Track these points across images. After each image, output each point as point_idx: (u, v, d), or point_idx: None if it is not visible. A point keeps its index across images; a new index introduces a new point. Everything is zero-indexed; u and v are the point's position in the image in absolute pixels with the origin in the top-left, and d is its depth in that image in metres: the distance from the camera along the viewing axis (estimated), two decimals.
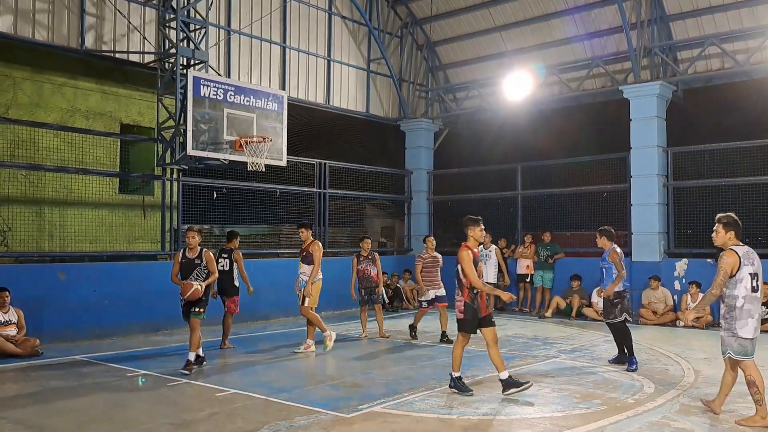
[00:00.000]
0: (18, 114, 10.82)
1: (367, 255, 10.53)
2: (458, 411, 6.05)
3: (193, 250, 7.93)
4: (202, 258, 7.90)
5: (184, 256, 7.93)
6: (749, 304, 5.52)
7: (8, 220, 10.74)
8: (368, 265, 10.48)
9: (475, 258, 6.76)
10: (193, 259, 7.89)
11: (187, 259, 7.89)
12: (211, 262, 7.94)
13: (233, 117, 11.09)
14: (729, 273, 5.55)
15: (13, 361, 8.35)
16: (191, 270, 7.84)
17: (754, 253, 5.68)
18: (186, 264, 7.89)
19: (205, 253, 7.92)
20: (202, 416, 5.86)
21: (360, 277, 10.47)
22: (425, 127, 16.96)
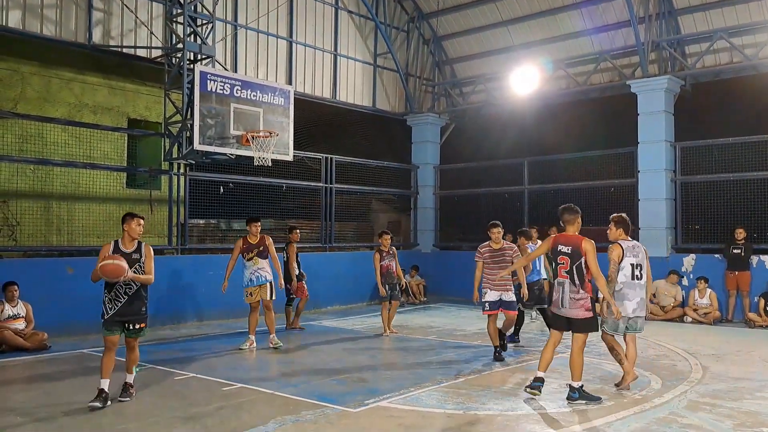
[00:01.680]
0: (26, 109, 10.87)
1: (389, 250, 10.45)
2: (464, 406, 6.06)
3: (131, 242, 6.24)
4: (141, 253, 6.25)
5: (116, 249, 6.15)
6: (627, 288, 6.58)
7: (16, 215, 10.80)
8: (390, 261, 10.37)
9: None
10: (129, 254, 6.16)
11: (123, 254, 6.12)
12: (151, 259, 6.28)
13: (240, 112, 11.09)
14: (617, 262, 6.58)
15: (22, 354, 8.42)
16: (129, 266, 6.09)
17: (640, 247, 6.84)
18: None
19: (145, 247, 6.30)
20: (210, 410, 5.89)
21: (383, 273, 10.32)
22: (432, 122, 16.93)
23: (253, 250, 9.15)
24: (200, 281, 11.50)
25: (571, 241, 6.22)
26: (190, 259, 11.90)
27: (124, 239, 6.19)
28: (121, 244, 6.18)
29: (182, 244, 11.79)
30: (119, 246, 6.16)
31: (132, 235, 6.19)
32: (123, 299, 6.08)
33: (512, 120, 16.64)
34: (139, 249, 6.23)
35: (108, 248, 6.13)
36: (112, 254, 6.04)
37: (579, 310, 6.13)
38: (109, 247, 6.14)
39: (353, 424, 5.49)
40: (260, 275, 9.11)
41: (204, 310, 11.53)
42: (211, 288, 11.51)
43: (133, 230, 6.18)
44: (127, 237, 6.19)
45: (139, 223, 6.24)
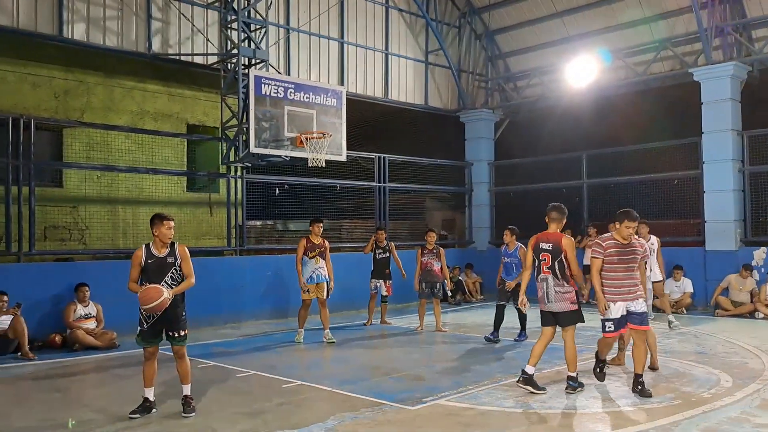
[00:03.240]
0: (92, 118, 11.35)
1: (432, 248, 10.47)
2: (524, 405, 5.96)
3: (163, 246, 5.79)
4: (175, 255, 5.79)
5: (150, 255, 5.73)
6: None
7: (85, 219, 11.28)
8: (431, 259, 10.42)
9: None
10: (163, 258, 5.75)
11: (156, 258, 5.73)
12: (188, 261, 5.84)
13: (293, 114, 11.27)
14: None
15: (93, 352, 8.78)
16: (163, 273, 5.71)
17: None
18: (154, 265, 5.72)
19: (180, 248, 5.83)
20: (271, 406, 5.99)
21: (422, 270, 10.44)
22: (485, 118, 16.74)
23: (316, 249, 9.44)
24: (258, 281, 11.73)
25: (552, 239, 6.41)
26: (249, 260, 12.15)
27: (156, 243, 5.73)
28: (153, 248, 5.73)
29: (240, 245, 12.06)
30: (151, 250, 5.72)
31: (163, 240, 5.71)
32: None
33: (569, 113, 16.27)
34: (173, 252, 5.75)
35: (140, 254, 5.70)
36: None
37: (565, 303, 6.31)
38: (141, 253, 5.70)
39: (411, 422, 5.48)
40: (320, 274, 9.41)
41: (262, 309, 11.75)
42: (269, 287, 11.76)
43: (164, 235, 5.69)
44: (158, 241, 5.74)
45: (169, 226, 5.72)
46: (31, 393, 6.77)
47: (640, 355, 6.27)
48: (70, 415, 5.80)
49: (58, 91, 11.17)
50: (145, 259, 5.70)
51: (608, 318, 6.20)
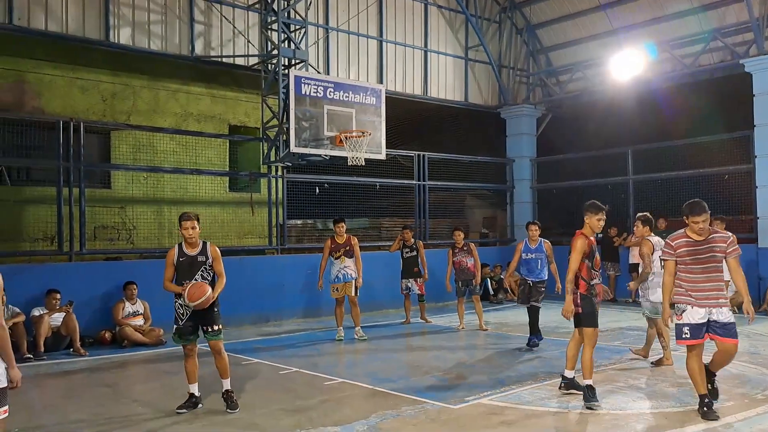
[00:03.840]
0: (138, 120, 11.63)
1: (462, 246, 10.43)
2: (569, 405, 5.84)
3: (193, 245, 5.87)
4: (207, 254, 5.84)
5: (181, 253, 5.83)
6: (658, 278, 6.90)
7: (132, 219, 11.58)
8: (464, 257, 10.37)
9: (591, 248, 5.91)
10: (194, 256, 5.81)
11: (187, 257, 5.82)
12: (220, 261, 5.87)
13: (333, 113, 11.32)
14: (649, 255, 7.23)
15: (141, 349, 9.00)
16: (193, 272, 5.78)
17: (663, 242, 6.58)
18: (185, 263, 5.80)
19: (211, 247, 5.88)
20: (313, 403, 6.03)
21: (456, 269, 10.39)
22: (527, 113, 16.50)
23: (340, 249, 9.52)
24: (299, 279, 11.82)
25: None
26: (290, 259, 12.27)
27: (186, 242, 5.81)
28: (185, 246, 5.81)
29: (281, 244, 12.18)
30: (183, 249, 5.80)
31: (186, 239, 5.77)
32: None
33: (613, 108, 15.92)
34: (204, 251, 5.81)
35: (173, 253, 5.82)
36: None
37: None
38: (174, 252, 5.81)
39: (454, 421, 5.44)
40: (346, 273, 9.46)
41: (303, 307, 11.84)
42: (309, 286, 11.82)
43: (184, 234, 5.76)
44: (186, 240, 5.80)
45: (185, 226, 5.75)
46: (83, 387, 6.97)
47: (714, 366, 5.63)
48: (120, 409, 5.96)
49: (106, 95, 11.49)
50: (177, 257, 5.81)
51: (684, 323, 5.35)
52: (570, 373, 6.16)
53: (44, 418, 5.65)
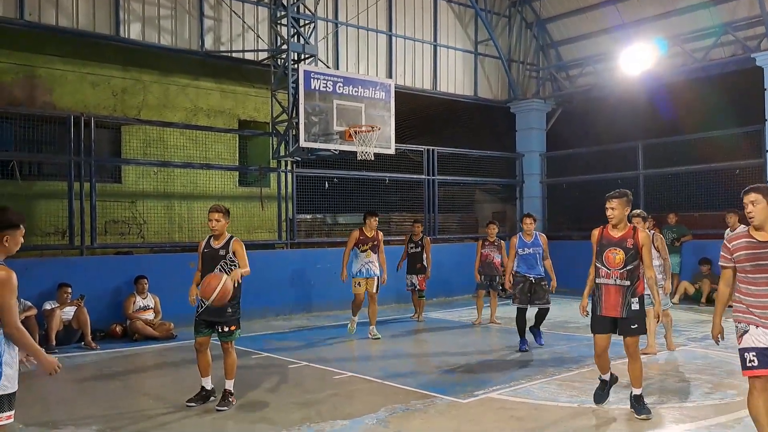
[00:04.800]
0: (148, 115, 11.68)
1: (493, 241, 10.36)
2: (579, 399, 5.84)
3: (218, 238, 5.92)
4: (228, 249, 5.85)
5: (207, 245, 5.95)
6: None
7: (143, 214, 11.64)
8: (492, 251, 10.30)
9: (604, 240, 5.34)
10: (217, 250, 5.87)
11: (211, 249, 5.91)
12: (242, 256, 5.86)
13: (342, 108, 11.31)
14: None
15: (152, 342, 9.06)
16: (214, 264, 5.83)
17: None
18: (208, 255, 5.91)
19: (234, 243, 5.88)
20: (323, 397, 6.06)
21: (482, 262, 10.33)
22: (537, 108, 16.43)
23: (368, 243, 9.23)
24: (309, 274, 11.86)
25: None
26: (299, 253, 12.30)
27: (212, 234, 5.93)
28: (212, 239, 5.92)
29: (291, 238, 12.21)
30: (210, 241, 5.94)
31: (211, 231, 5.90)
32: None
33: (624, 102, 15.82)
34: (226, 245, 5.83)
35: (201, 244, 6.05)
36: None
37: None
38: (202, 243, 6.02)
39: (463, 415, 5.45)
40: (370, 268, 9.20)
41: (313, 301, 11.87)
42: (319, 280, 11.87)
43: (209, 225, 5.87)
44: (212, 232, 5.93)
45: (210, 218, 5.84)
46: (95, 381, 7.03)
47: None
48: (131, 403, 6.01)
49: (116, 90, 11.54)
50: (203, 249, 5.95)
51: (747, 347, 4.08)
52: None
53: (56, 413, 5.70)
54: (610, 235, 5.32)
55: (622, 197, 5.28)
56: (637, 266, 5.25)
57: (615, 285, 5.22)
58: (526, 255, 8.34)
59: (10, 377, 3.37)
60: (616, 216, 5.26)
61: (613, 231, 5.32)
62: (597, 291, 5.33)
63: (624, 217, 5.31)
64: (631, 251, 5.21)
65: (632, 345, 5.30)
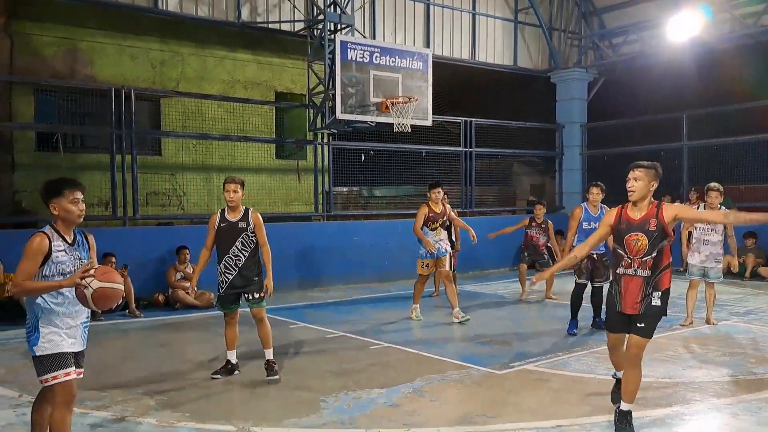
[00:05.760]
0: (186, 87, 11.80)
1: (540, 222, 10.18)
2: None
3: (234, 210, 5.68)
4: (248, 221, 5.65)
5: (223, 219, 5.68)
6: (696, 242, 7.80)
7: (183, 186, 11.83)
8: (538, 233, 10.14)
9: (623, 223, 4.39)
10: (235, 222, 5.64)
11: (228, 223, 5.66)
12: (262, 229, 5.66)
13: (379, 78, 11.21)
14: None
15: (192, 311, 9.28)
16: (233, 238, 5.62)
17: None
18: (225, 229, 5.65)
19: (253, 214, 5.67)
20: (360, 366, 6.12)
21: (527, 243, 10.22)
22: (578, 77, 16.01)
23: (438, 219, 8.29)
24: (345, 246, 11.91)
25: None
26: (336, 226, 12.36)
27: (228, 207, 5.66)
28: (227, 212, 5.66)
29: (327, 211, 12.27)
30: (225, 215, 5.65)
31: (228, 204, 5.61)
32: (234, 271, 5.65)
33: (669, 71, 15.29)
34: (245, 217, 5.63)
35: (214, 218, 5.70)
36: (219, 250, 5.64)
37: None
38: (216, 218, 5.69)
39: (499, 385, 5.45)
40: (440, 247, 8.28)
41: (349, 274, 11.94)
42: (355, 253, 11.93)
43: (226, 199, 5.60)
44: (228, 206, 5.65)
45: (227, 189, 5.60)
46: (139, 347, 7.24)
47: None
48: (178, 367, 6.17)
49: (155, 62, 11.66)
50: (219, 223, 5.66)
51: None
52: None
53: (105, 377, 5.86)
54: (629, 216, 4.38)
55: (651, 168, 4.35)
56: (663, 252, 4.28)
57: (636, 276, 4.29)
58: (591, 230, 7.34)
59: (50, 339, 3.48)
60: (638, 189, 4.30)
61: (633, 211, 4.36)
62: (615, 284, 4.42)
63: (648, 194, 4.34)
64: (655, 234, 4.23)
65: (635, 347, 4.32)
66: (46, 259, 3.48)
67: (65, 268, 3.55)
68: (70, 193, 3.54)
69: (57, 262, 3.52)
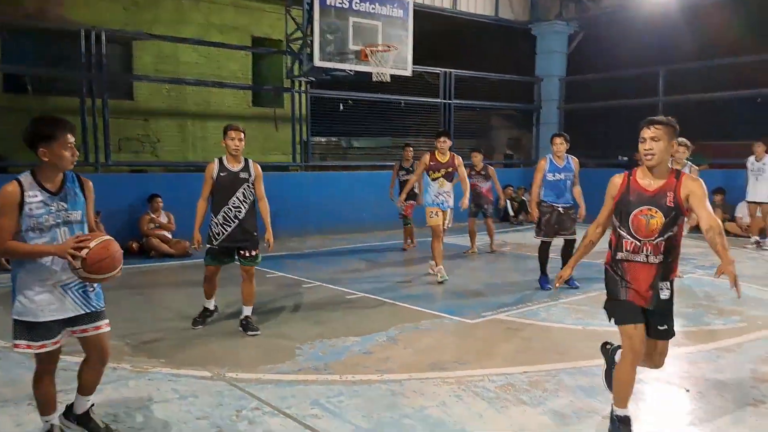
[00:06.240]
0: (160, 30, 11.46)
1: (480, 170, 10.16)
2: (584, 322, 5.95)
3: (235, 160, 5.49)
4: (250, 171, 5.52)
5: (222, 168, 5.46)
6: None
7: (156, 132, 11.64)
8: (479, 181, 10.09)
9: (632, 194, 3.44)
10: (236, 173, 5.47)
11: (229, 173, 5.46)
12: (261, 182, 5.56)
13: (358, 26, 11.00)
14: None
15: (167, 260, 9.27)
16: (234, 189, 5.44)
17: None
18: (226, 179, 5.44)
19: (254, 166, 5.55)
20: (336, 316, 6.23)
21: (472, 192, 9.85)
22: (558, 30, 15.88)
23: (441, 169, 7.82)
24: (323, 197, 11.91)
25: None
26: (313, 176, 12.31)
27: (228, 156, 5.46)
28: (226, 161, 5.45)
29: (305, 161, 12.20)
30: (224, 164, 5.45)
31: (230, 152, 5.40)
32: (233, 223, 5.45)
33: (650, 25, 15.24)
34: (247, 167, 5.47)
35: (212, 167, 5.45)
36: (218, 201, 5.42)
37: None
38: (214, 166, 5.45)
39: (470, 334, 5.59)
40: (444, 200, 7.89)
41: (327, 224, 11.98)
42: (333, 204, 11.95)
43: (228, 146, 5.39)
44: (229, 154, 5.45)
45: (231, 137, 5.38)
46: (114, 295, 7.20)
47: None
48: (154, 315, 6.20)
49: (128, 4, 11.29)
50: (218, 172, 5.42)
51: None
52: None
53: None
54: (640, 186, 3.41)
55: (669, 125, 3.37)
56: (677, 234, 3.45)
57: (645, 263, 3.47)
58: (556, 181, 7.30)
59: (27, 305, 3.10)
60: (659, 152, 3.33)
61: (646, 179, 3.42)
62: (618, 271, 3.60)
63: (667, 159, 3.40)
64: (673, 212, 3.36)
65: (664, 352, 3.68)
66: (20, 212, 3.00)
67: (43, 222, 3.04)
68: (63, 136, 3.03)
69: (31, 215, 3.02)
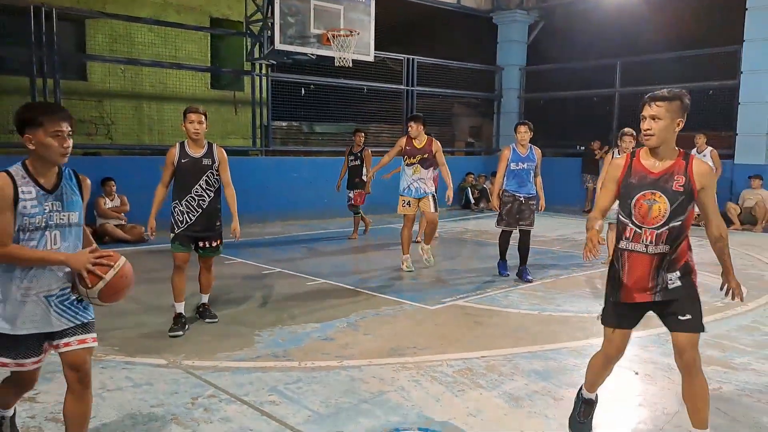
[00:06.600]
0: (114, 9, 11.11)
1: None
2: (539, 307, 6.07)
3: (198, 145, 5.13)
4: (213, 157, 5.15)
5: (183, 154, 5.09)
6: None
7: (111, 114, 11.32)
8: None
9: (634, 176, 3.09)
10: (199, 158, 5.11)
11: (190, 159, 5.10)
12: (226, 168, 5.21)
13: (320, 9, 10.87)
14: None
15: (122, 245, 9.05)
16: (197, 176, 5.09)
17: None
18: (188, 165, 5.08)
19: (218, 150, 5.19)
20: (296, 302, 6.20)
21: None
22: (519, 19, 16.03)
23: (416, 155, 7.42)
24: (284, 183, 11.81)
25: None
26: (274, 161, 12.19)
27: (189, 141, 5.10)
28: (187, 146, 5.09)
29: (266, 145, 12.06)
30: (186, 149, 5.08)
31: (190, 136, 5.05)
32: (197, 212, 5.16)
33: (607, 17, 15.52)
34: (210, 153, 5.12)
35: (173, 152, 5.08)
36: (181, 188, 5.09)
37: None
38: (175, 151, 5.08)
39: (429, 319, 5.65)
40: (419, 187, 7.48)
41: (287, 210, 11.90)
42: (294, 190, 11.87)
43: (188, 130, 5.04)
44: (190, 139, 5.09)
45: (191, 120, 5.03)
46: None
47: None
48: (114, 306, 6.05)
49: None
50: (179, 158, 5.06)
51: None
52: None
53: None
54: (644, 168, 3.08)
55: (674, 100, 3.03)
56: (684, 222, 3.08)
57: (644, 253, 3.08)
58: (519, 170, 7.14)
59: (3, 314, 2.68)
60: (658, 131, 3.01)
61: (650, 160, 3.08)
62: (617, 262, 3.19)
63: (672, 138, 3.05)
64: (682, 197, 3.01)
65: (690, 348, 3.10)
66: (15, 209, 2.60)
67: (35, 223, 2.65)
68: (49, 122, 2.67)
69: (24, 213, 2.63)
